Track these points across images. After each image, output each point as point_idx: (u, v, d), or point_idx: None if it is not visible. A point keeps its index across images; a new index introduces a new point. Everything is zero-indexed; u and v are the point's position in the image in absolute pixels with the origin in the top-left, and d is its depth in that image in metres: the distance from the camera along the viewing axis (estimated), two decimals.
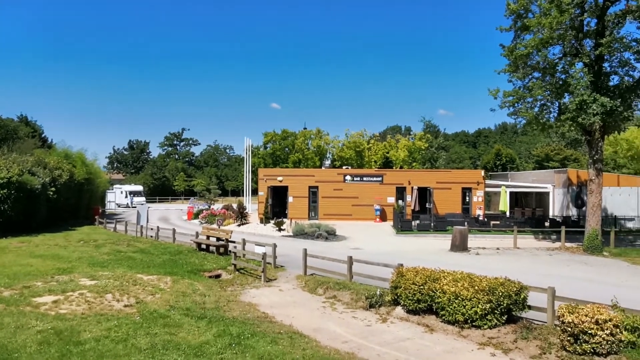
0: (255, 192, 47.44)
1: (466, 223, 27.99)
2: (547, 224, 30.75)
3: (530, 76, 23.29)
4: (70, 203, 36.97)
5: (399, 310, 11.90)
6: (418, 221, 30.70)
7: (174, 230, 25.37)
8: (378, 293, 12.71)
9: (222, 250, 20.59)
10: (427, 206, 34.96)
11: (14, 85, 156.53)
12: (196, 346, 9.09)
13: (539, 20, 20.92)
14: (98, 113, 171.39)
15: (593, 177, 22.51)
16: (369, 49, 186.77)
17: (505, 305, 10.09)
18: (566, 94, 22.09)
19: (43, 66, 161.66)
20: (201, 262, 18.74)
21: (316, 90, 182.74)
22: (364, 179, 38.40)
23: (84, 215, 39.86)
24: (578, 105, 20.46)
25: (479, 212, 36.16)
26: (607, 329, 8.42)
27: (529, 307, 10.40)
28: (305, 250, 16.73)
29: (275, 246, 18.13)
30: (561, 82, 22.00)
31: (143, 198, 66.95)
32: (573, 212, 34.80)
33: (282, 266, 18.05)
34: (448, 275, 11.30)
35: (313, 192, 38.35)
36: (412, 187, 36.02)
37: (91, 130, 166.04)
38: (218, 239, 21.43)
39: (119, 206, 65.08)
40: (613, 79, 22.56)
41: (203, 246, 21.69)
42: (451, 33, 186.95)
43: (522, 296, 10.26)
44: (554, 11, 20.33)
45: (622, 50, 21.43)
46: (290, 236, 28.28)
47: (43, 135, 64.76)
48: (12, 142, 45.31)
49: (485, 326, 10.16)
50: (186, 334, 9.85)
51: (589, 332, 8.44)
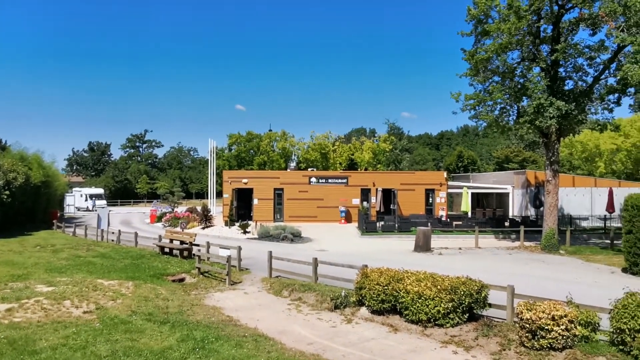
0: (220, 195, 46.99)
1: (429, 224, 28.46)
2: (507, 224, 31.56)
3: (490, 80, 23.89)
4: (26, 207, 35.68)
5: (364, 310, 12.00)
6: (383, 222, 31.02)
7: (136, 233, 24.85)
8: (343, 294, 12.78)
9: (186, 253, 20.30)
10: (392, 207, 35.36)
11: None
12: (159, 352, 8.94)
13: (499, 25, 21.50)
14: (56, 114, 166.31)
15: (550, 178, 23.25)
16: (334, 51, 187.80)
17: (466, 303, 10.31)
18: (524, 98, 22.75)
19: None
20: (164, 266, 18.42)
21: (281, 92, 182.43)
22: (329, 181, 38.56)
23: (42, 219, 38.54)
24: (535, 108, 21.10)
25: (442, 213, 36.82)
26: (563, 325, 8.72)
27: (490, 305, 10.66)
28: (270, 252, 16.67)
29: (240, 249, 18.00)
30: (520, 86, 22.65)
31: (104, 201, 65.24)
32: (531, 212, 35.83)
33: (247, 269, 17.93)
34: (411, 275, 11.46)
35: (278, 194, 38.26)
36: (377, 189, 36.38)
37: (49, 131, 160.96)
38: (182, 242, 21.12)
39: (79, 210, 63.26)
40: (568, 84, 23.38)
41: (166, 250, 21.33)
42: (415, 36, 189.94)
43: (483, 295, 10.50)
44: (513, 17, 20.92)
45: (576, 56, 22.23)
46: (255, 239, 28.11)
47: None
48: None
49: (447, 325, 10.35)
50: (148, 340, 9.67)
51: (546, 328, 8.72)
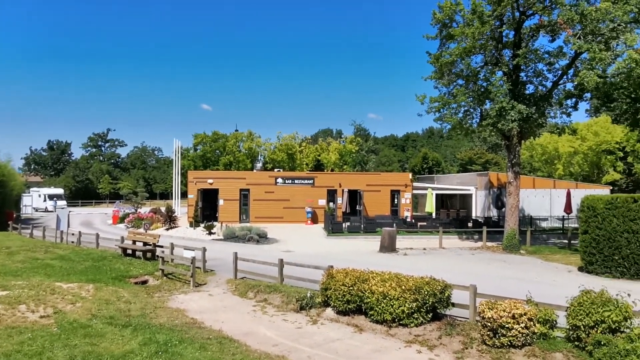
0: (184, 195, 46.23)
1: (395, 224, 28.74)
2: (470, 225, 32.19)
3: (454, 83, 24.30)
4: None
5: (329, 311, 12.02)
6: (349, 223, 31.17)
7: (98, 235, 24.20)
8: (309, 295, 12.76)
9: (150, 255, 19.90)
10: (358, 208, 35.58)
11: None
12: (120, 356, 8.73)
13: (463, 30, 21.90)
14: (13, 112, 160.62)
15: (511, 180, 23.83)
16: (301, 52, 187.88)
17: (430, 303, 10.44)
18: (487, 101, 23.24)
19: None
20: (127, 268, 18.00)
21: (248, 91, 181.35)
22: (296, 182, 38.51)
23: None
24: (498, 111, 21.58)
25: (407, 214, 37.28)
26: (523, 323, 8.93)
27: (453, 305, 10.81)
28: (235, 253, 16.51)
29: (205, 250, 17.75)
30: (483, 90, 23.12)
31: (64, 202, 63.37)
32: (494, 213, 36.67)
33: (212, 270, 17.70)
34: (377, 275, 11.53)
35: (244, 195, 37.97)
36: (343, 190, 36.54)
37: (5, 130, 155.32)
38: (145, 244, 20.69)
39: (37, 210, 61.24)
40: (529, 88, 24.00)
41: (129, 251, 20.86)
42: (381, 39, 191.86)
43: (446, 294, 10.66)
44: (476, 22, 21.35)
45: (536, 61, 22.85)
46: (220, 240, 27.80)
47: None
48: None
49: (411, 324, 10.46)
50: (109, 344, 9.43)
51: (507, 326, 8.92)
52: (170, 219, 34.36)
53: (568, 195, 32.42)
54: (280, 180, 38.41)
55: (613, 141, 51.52)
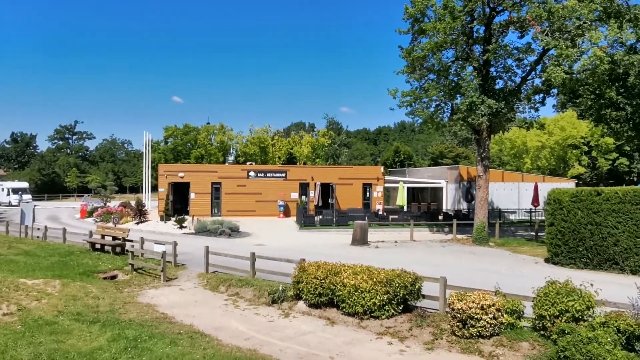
0: (155, 189, 45.52)
1: (366, 218, 28.93)
2: (441, 218, 32.64)
3: (426, 77, 24.50)
4: None
5: (301, 304, 12.03)
6: (321, 216, 31.22)
7: (65, 229, 23.64)
8: (280, 288, 12.75)
9: (119, 249, 19.55)
10: (330, 202, 35.66)
11: None
12: (87, 353, 8.56)
13: (434, 25, 22.07)
14: None
15: (481, 173, 24.23)
16: (273, 45, 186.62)
17: (401, 295, 10.55)
18: (458, 96, 23.52)
19: None
20: (95, 263, 17.65)
21: (220, 84, 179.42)
22: (268, 175, 38.33)
23: None
24: (468, 106, 21.88)
25: (379, 207, 37.52)
26: (491, 313, 9.11)
27: (424, 297, 10.95)
28: (207, 247, 16.36)
29: (175, 244, 17.54)
30: (454, 84, 23.39)
31: (29, 196, 61.58)
32: (464, 206, 37.25)
33: (184, 264, 17.51)
34: (348, 268, 11.59)
35: (216, 189, 37.60)
36: (315, 183, 36.54)
37: None
38: (114, 238, 20.31)
39: (0, 205, 59.43)
40: (498, 83, 24.43)
41: (97, 246, 20.45)
42: (354, 32, 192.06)
43: (417, 286, 10.78)
44: (448, 17, 21.54)
45: (506, 57, 23.25)
46: (192, 233, 27.52)
47: None
48: None
49: (383, 316, 10.56)
50: (76, 341, 9.23)
51: (475, 317, 9.08)
52: (140, 213, 33.81)
53: (535, 188, 33.17)
54: (252, 173, 38.18)
55: (578, 136, 52.94)
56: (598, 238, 16.40)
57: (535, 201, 32.66)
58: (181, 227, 29.46)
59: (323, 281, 11.40)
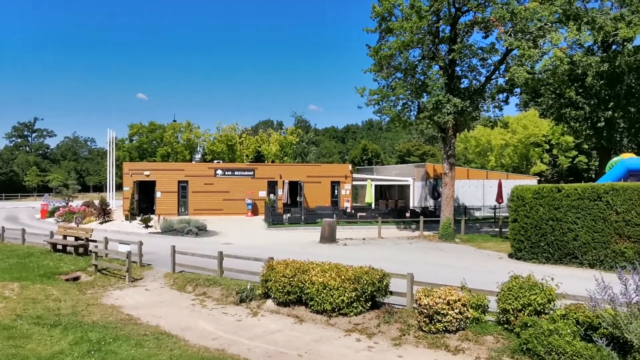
0: (120, 188, 44.63)
1: (335, 215, 29.04)
2: (408, 215, 33.03)
3: (393, 76, 24.70)
4: None
5: (270, 303, 11.99)
6: (289, 214, 31.17)
7: (24, 230, 22.83)
8: (249, 287, 12.68)
9: (82, 250, 19.05)
10: (298, 200, 35.65)
11: None
12: (48, 357, 8.30)
13: (401, 24, 22.27)
14: None
15: (447, 171, 24.62)
16: (240, 41, 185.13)
17: (369, 292, 10.63)
18: (424, 94, 23.82)
19: None
20: (57, 265, 17.13)
21: (186, 81, 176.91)
22: (236, 173, 38.04)
23: None
24: (434, 104, 22.19)
25: (347, 205, 37.74)
26: (457, 308, 9.28)
27: (391, 293, 11.07)
28: (173, 247, 16.10)
29: (141, 244, 17.20)
30: (420, 83, 23.67)
31: None
32: (430, 203, 37.80)
33: (149, 264, 17.20)
34: (317, 266, 11.61)
35: (183, 187, 37.10)
36: (284, 181, 36.48)
37: None
38: (77, 239, 19.78)
39: None
40: (464, 82, 24.81)
41: (59, 247, 19.86)
42: (322, 30, 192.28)
43: (385, 283, 10.88)
44: (414, 16, 21.76)
45: (471, 56, 23.66)
46: (158, 233, 27.04)
47: None
48: None
49: (351, 313, 10.62)
50: (36, 345, 8.94)
51: (442, 312, 9.23)
52: (104, 213, 33.01)
53: (499, 185, 33.93)
54: (219, 171, 37.81)
55: (540, 134, 54.47)
56: (559, 233, 16.90)
57: (499, 198, 33.42)
58: (147, 227, 28.92)
59: (291, 279, 11.39)
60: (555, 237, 17.00)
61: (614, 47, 25.56)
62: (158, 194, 36.56)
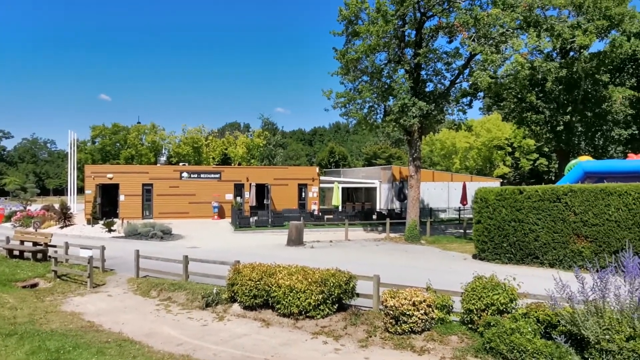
0: (81, 191, 43.42)
1: (302, 218, 29.03)
2: (375, 217, 33.31)
3: (360, 79, 24.90)
4: None
5: (236, 307, 11.87)
6: (256, 217, 30.98)
7: None
8: (215, 291, 12.52)
9: (40, 256, 18.47)
10: (265, 202, 35.49)
11: None
12: None
13: (368, 27, 22.47)
14: None
15: (413, 173, 24.93)
16: (206, 43, 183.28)
17: (336, 294, 10.65)
18: (390, 98, 24.08)
19: None
20: (13, 271, 16.54)
21: (151, 82, 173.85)
22: (202, 176, 37.57)
23: None
24: (400, 108, 22.46)
25: (314, 207, 37.77)
26: (422, 309, 9.39)
27: (358, 295, 11.11)
28: (137, 251, 15.77)
29: (103, 248, 16.79)
30: (386, 86, 23.93)
31: None
32: (397, 205, 38.21)
33: (112, 270, 16.79)
34: (283, 269, 11.56)
35: (147, 190, 36.39)
36: (251, 184, 36.26)
37: None
38: (35, 244, 19.17)
39: None
40: (429, 86, 25.23)
41: (16, 252, 19.21)
42: (290, 33, 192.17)
43: (351, 285, 10.92)
44: (381, 20, 21.99)
45: (436, 60, 24.07)
46: (121, 237, 26.45)
47: None
48: None
49: (318, 316, 10.61)
50: None
51: (407, 314, 9.33)
52: (65, 217, 32.07)
53: (464, 187, 34.60)
54: (185, 174, 37.27)
55: (503, 137, 55.80)
56: (520, 234, 17.32)
57: (463, 200, 34.05)
58: (110, 231, 28.25)
59: (258, 283, 11.31)
60: (517, 238, 17.41)
61: (572, 54, 26.44)
62: (122, 197, 35.76)
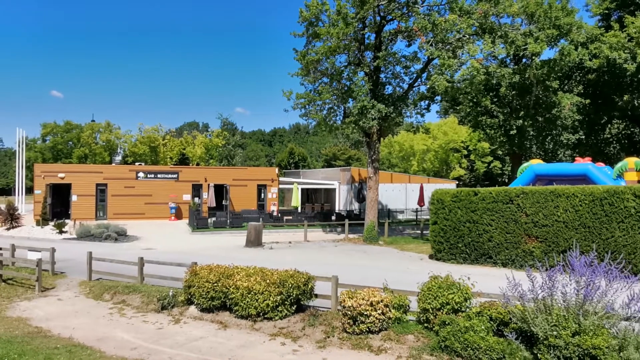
0: (30, 191, 41.81)
1: (261, 219, 28.87)
2: (334, 218, 33.46)
3: (320, 81, 24.99)
4: None
5: (193, 309, 11.68)
6: (214, 218, 30.61)
7: None
8: (170, 294, 12.28)
9: None
10: (224, 203, 35.11)
11: None
12: None
13: (328, 29, 22.57)
14: None
15: (371, 175, 25.20)
16: (166, 41, 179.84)
17: (294, 295, 10.63)
18: (350, 100, 24.28)
19: None
20: None
21: (106, 80, 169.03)
22: (159, 176, 36.81)
23: None
24: (360, 110, 22.66)
25: (273, 208, 37.62)
26: (379, 309, 9.50)
27: (316, 296, 11.12)
28: (90, 253, 15.28)
29: (53, 250, 16.17)
30: (346, 89, 24.11)
31: None
32: (355, 207, 38.53)
33: (63, 273, 16.21)
34: (242, 270, 11.46)
35: (101, 190, 35.36)
36: (209, 184, 35.73)
37: None
38: None
39: None
40: (388, 89, 25.57)
41: None
42: (250, 33, 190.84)
43: (310, 286, 10.93)
44: (341, 23, 22.13)
45: (395, 64, 24.43)
46: (74, 239, 25.57)
47: None
48: None
49: (276, 317, 10.57)
50: None
51: (365, 314, 9.41)
52: (12, 218, 30.72)
53: (421, 189, 35.23)
54: (141, 174, 36.43)
55: (459, 140, 57.15)
56: (475, 235, 17.78)
57: (420, 201, 34.67)
58: (61, 232, 27.27)
59: (215, 284, 11.16)
60: (472, 239, 17.86)
61: (524, 61, 27.35)
62: (74, 198, 34.61)
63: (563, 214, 15.81)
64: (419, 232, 27.60)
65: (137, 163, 48.03)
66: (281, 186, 40.50)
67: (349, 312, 9.59)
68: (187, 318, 11.42)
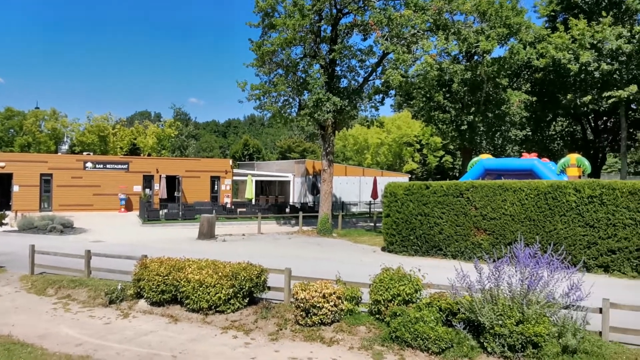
0: None
1: (214, 211, 28.49)
2: (288, 210, 33.43)
3: (275, 72, 24.83)
4: None
5: (142, 303, 11.40)
6: (166, 210, 30.01)
7: None
8: (119, 287, 11.93)
9: None
10: (176, 195, 34.46)
11: None
12: None
13: (284, 20, 22.41)
14: None
15: (326, 168, 25.31)
16: (117, 28, 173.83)
17: (247, 288, 10.54)
18: (305, 92, 24.26)
19: None
20: None
21: (51, 65, 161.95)
22: (108, 167, 35.67)
23: None
24: (315, 102, 22.67)
25: (227, 200, 37.22)
26: (332, 301, 9.55)
27: (269, 288, 11.08)
28: (32, 246, 14.63)
29: None
30: (302, 81, 24.06)
31: None
32: (310, 199, 38.65)
33: (2, 267, 15.45)
34: (193, 263, 11.27)
35: (46, 181, 33.93)
36: (161, 176, 34.97)
37: None
38: None
39: None
40: (343, 82, 25.68)
41: None
42: (204, 22, 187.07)
43: (263, 278, 10.87)
44: (297, 14, 22.02)
45: (350, 57, 24.56)
46: (15, 231, 24.45)
47: None
48: None
49: (228, 310, 10.46)
50: None
51: (318, 306, 9.44)
52: None
53: (374, 182, 35.67)
54: (89, 164, 35.18)
55: (412, 135, 58.15)
56: (426, 227, 18.16)
57: (374, 194, 35.12)
58: (1, 225, 25.97)
59: (166, 277, 10.93)
60: (423, 231, 18.23)
61: (476, 58, 28.05)
62: (15, 188, 33.07)
63: (510, 208, 16.36)
64: (372, 225, 27.96)
65: (86, 153, 46.40)
66: (235, 178, 40.10)
67: (302, 305, 9.60)
68: (137, 312, 11.14)
